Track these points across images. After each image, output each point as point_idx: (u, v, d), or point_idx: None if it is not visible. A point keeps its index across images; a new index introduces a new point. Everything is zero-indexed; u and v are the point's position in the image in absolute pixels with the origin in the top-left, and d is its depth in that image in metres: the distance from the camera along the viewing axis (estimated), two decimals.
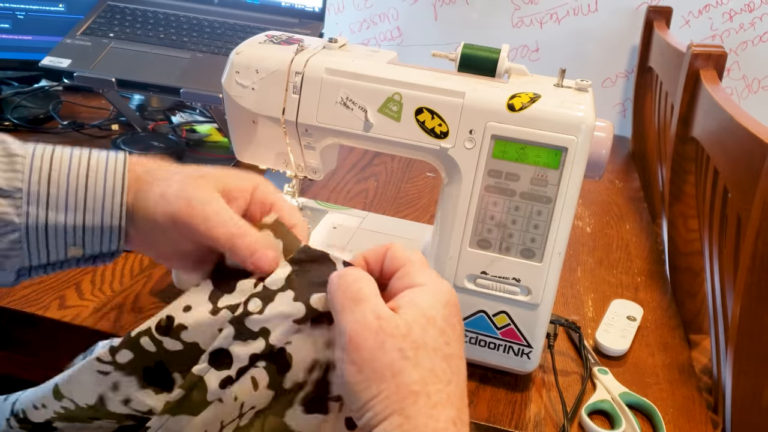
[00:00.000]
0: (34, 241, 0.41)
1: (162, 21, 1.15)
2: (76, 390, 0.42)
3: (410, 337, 0.36)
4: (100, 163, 0.42)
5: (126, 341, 0.40)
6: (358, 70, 0.64)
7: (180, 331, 0.40)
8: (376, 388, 0.35)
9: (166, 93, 1.03)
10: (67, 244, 0.42)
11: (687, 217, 1.02)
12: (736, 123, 0.73)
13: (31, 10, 1.17)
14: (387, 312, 0.37)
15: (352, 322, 0.36)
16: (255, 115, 0.68)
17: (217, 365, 0.39)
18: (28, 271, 0.43)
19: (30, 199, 0.40)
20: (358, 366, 0.35)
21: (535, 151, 0.60)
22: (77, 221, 0.41)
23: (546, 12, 1.56)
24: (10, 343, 0.72)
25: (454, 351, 0.38)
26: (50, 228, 0.41)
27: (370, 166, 1.20)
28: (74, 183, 0.41)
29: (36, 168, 0.41)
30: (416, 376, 0.35)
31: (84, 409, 0.42)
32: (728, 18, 1.49)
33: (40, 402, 0.43)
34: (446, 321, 0.38)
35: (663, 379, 0.72)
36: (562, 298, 0.86)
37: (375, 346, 0.35)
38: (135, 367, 0.41)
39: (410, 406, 0.34)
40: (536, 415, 0.65)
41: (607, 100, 1.61)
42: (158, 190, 0.41)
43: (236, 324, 0.39)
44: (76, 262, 0.44)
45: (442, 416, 0.35)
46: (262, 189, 0.44)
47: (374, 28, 1.67)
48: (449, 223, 0.64)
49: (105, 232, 0.42)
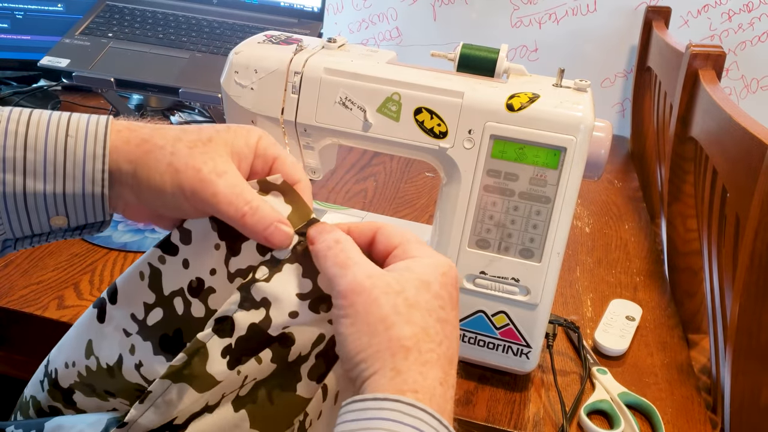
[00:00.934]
0: (13, 210, 0.39)
1: (161, 21, 1.15)
2: (104, 346, 0.42)
3: (403, 295, 0.36)
4: (80, 127, 0.39)
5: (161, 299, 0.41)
6: (357, 70, 0.64)
7: (209, 294, 0.40)
8: (368, 341, 0.35)
9: (164, 93, 1.03)
10: (49, 214, 0.39)
11: (686, 217, 1.02)
12: (735, 123, 0.73)
13: (30, 10, 1.17)
14: (379, 271, 0.38)
15: (344, 283, 0.37)
16: (254, 115, 0.68)
17: (220, 333, 0.39)
18: (14, 243, 0.42)
19: (6, 165, 0.38)
20: (352, 319, 0.36)
21: (534, 151, 0.60)
22: (57, 189, 0.39)
23: (545, 12, 1.56)
24: (9, 343, 0.72)
25: (449, 317, 0.38)
26: (29, 196, 0.38)
27: (369, 166, 1.20)
28: (52, 148, 0.38)
29: (11, 132, 0.38)
30: (408, 332, 0.36)
31: (103, 370, 0.43)
32: (727, 18, 1.50)
33: (71, 358, 0.44)
34: (443, 287, 0.38)
35: (662, 379, 0.73)
36: (561, 298, 0.86)
37: (368, 301, 0.36)
38: (156, 330, 0.41)
39: (401, 360, 0.35)
40: (535, 415, 0.65)
41: (606, 100, 1.62)
42: (165, 159, 0.38)
43: (243, 291, 0.39)
44: (63, 234, 0.42)
45: (430, 374, 0.35)
46: (264, 142, 0.42)
47: (373, 28, 1.67)
48: (448, 223, 0.64)
49: (87, 200, 0.39)
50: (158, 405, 0.40)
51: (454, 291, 0.39)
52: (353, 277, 0.37)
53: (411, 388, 0.34)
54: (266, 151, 0.42)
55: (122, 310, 0.43)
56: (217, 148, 0.39)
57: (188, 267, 0.41)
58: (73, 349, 0.44)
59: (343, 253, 0.38)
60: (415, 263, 0.39)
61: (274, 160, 0.42)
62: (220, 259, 0.41)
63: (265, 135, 0.42)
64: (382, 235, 0.41)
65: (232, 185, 0.39)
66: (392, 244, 0.40)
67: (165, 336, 0.42)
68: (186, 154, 0.38)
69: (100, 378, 0.43)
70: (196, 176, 0.38)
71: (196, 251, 0.41)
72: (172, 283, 0.41)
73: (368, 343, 0.35)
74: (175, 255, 0.41)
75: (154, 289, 0.42)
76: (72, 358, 0.44)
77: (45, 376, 0.46)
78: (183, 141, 0.39)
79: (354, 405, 0.34)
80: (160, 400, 0.39)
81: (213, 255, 0.41)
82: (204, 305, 0.41)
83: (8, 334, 0.72)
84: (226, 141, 0.40)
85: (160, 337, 0.41)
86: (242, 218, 0.38)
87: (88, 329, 0.44)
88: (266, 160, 0.42)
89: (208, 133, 0.40)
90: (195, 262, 0.41)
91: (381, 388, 0.34)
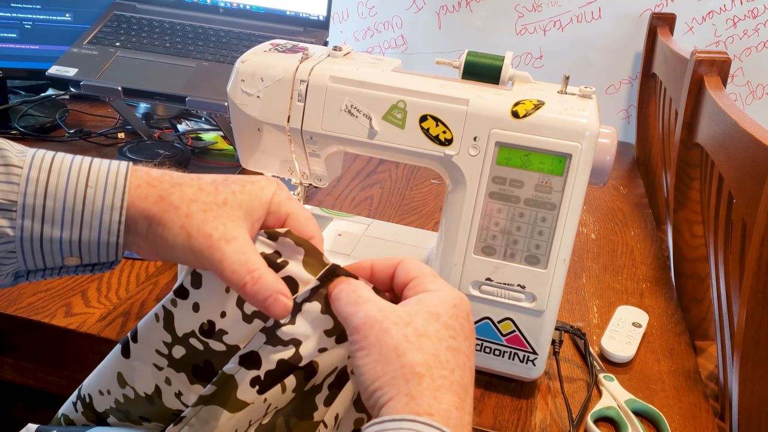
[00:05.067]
0: (29, 251, 0.40)
1: (168, 30, 1.15)
2: (137, 378, 0.45)
3: (413, 326, 0.38)
4: (100, 177, 0.40)
5: (177, 339, 0.43)
6: (362, 78, 0.64)
7: (222, 335, 0.42)
8: (382, 369, 0.37)
9: (171, 101, 1.03)
10: (63, 255, 0.41)
11: (692, 223, 1.02)
12: (741, 129, 0.73)
13: (38, 20, 1.18)
14: (390, 305, 0.39)
15: (357, 318, 0.39)
16: (260, 123, 0.69)
17: (247, 365, 0.41)
18: (26, 275, 0.43)
19: (25, 212, 0.39)
20: (367, 351, 0.38)
21: (539, 158, 0.60)
22: (73, 236, 0.40)
23: (549, 19, 1.57)
24: (17, 351, 0.73)
25: (461, 347, 0.39)
26: (45, 241, 0.40)
27: (374, 173, 1.21)
28: (72, 197, 0.40)
29: (33, 179, 0.39)
30: (420, 359, 0.37)
31: (142, 398, 0.45)
32: (732, 24, 1.50)
33: (106, 387, 0.46)
34: (453, 318, 0.39)
35: (669, 386, 0.72)
36: (567, 305, 0.86)
37: (380, 332, 0.38)
38: (185, 364, 0.43)
39: (415, 387, 0.36)
40: (542, 422, 0.65)
41: (611, 107, 1.62)
42: (179, 221, 0.40)
43: (268, 333, 0.41)
44: (75, 270, 0.44)
45: (444, 399, 0.36)
46: (278, 198, 0.43)
47: (378, 36, 1.67)
48: (454, 230, 0.64)
49: (102, 247, 0.41)
50: (192, 424, 0.41)
51: (465, 323, 0.40)
52: (365, 312, 0.39)
53: (426, 411, 0.35)
54: (279, 208, 0.43)
55: (145, 346, 0.44)
56: (230, 212, 0.41)
57: (198, 310, 0.43)
58: (105, 380, 0.46)
59: (355, 293, 0.40)
60: (426, 296, 0.40)
61: (287, 216, 0.43)
62: (232, 302, 0.42)
63: (279, 189, 0.43)
64: (401, 269, 0.43)
65: (239, 252, 0.40)
66: (409, 277, 0.42)
67: (196, 366, 0.43)
68: (200, 219, 0.40)
69: (140, 405, 0.45)
70: (206, 242, 0.40)
71: (207, 295, 0.43)
72: (184, 325, 0.43)
73: (383, 371, 0.37)
74: (185, 299, 0.43)
75: (168, 330, 0.44)
76: (106, 387, 0.46)
77: (78, 399, 0.48)
78: (198, 203, 0.41)
79: (372, 428, 0.35)
80: (194, 420, 0.41)
81: (224, 298, 0.42)
82: (221, 343, 0.43)
83: (16, 342, 0.72)
84: (240, 203, 0.41)
85: (192, 368, 0.43)
86: (243, 288, 0.40)
87: (115, 364, 0.46)
88: (279, 217, 0.43)
89: (223, 195, 0.41)
90: (205, 305, 0.42)
91: (397, 412, 0.35)
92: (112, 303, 0.73)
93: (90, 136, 1.17)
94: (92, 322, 0.70)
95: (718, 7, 1.49)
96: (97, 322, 0.70)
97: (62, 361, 0.71)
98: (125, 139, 1.19)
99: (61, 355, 0.71)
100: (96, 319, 0.70)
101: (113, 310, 0.72)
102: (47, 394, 0.85)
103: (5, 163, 0.40)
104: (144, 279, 0.78)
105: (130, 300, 0.74)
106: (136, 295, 0.75)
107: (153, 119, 1.26)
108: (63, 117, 1.23)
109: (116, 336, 0.68)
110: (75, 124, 1.24)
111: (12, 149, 0.40)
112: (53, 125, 1.20)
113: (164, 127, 1.24)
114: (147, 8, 1.20)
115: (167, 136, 1.19)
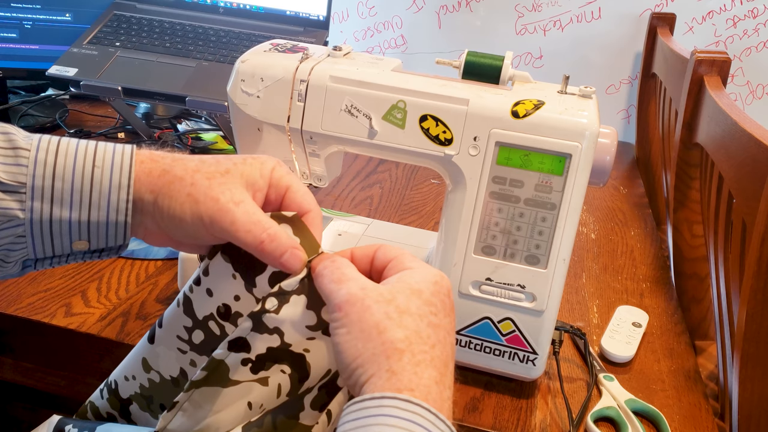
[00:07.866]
0: (38, 235, 0.41)
1: (168, 30, 1.15)
2: (162, 363, 0.46)
3: (394, 303, 0.38)
4: (106, 157, 0.41)
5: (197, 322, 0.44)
6: (362, 78, 0.64)
7: (237, 318, 0.43)
8: (363, 346, 0.37)
9: (171, 101, 1.03)
10: (72, 239, 0.41)
11: (692, 223, 1.02)
12: (741, 129, 0.73)
13: (38, 20, 1.18)
14: (372, 284, 0.40)
15: (339, 296, 0.39)
16: (260, 123, 0.69)
17: (236, 350, 0.42)
18: (34, 263, 0.43)
19: (34, 194, 0.40)
20: (347, 328, 0.38)
21: (539, 158, 0.60)
22: (82, 217, 0.41)
23: (549, 19, 1.57)
24: (17, 351, 0.73)
25: (441, 323, 0.39)
26: (54, 223, 0.40)
27: (374, 173, 1.21)
28: (80, 177, 0.40)
29: (41, 161, 0.40)
30: (401, 335, 0.37)
31: (167, 381, 0.46)
32: (732, 24, 1.50)
33: (131, 373, 0.47)
34: (434, 295, 0.40)
35: (669, 386, 0.72)
36: (567, 305, 0.86)
37: (361, 309, 0.38)
38: (206, 347, 0.44)
39: (396, 362, 0.36)
40: (542, 422, 0.65)
41: (611, 107, 1.62)
42: (184, 190, 0.41)
43: (255, 319, 0.41)
44: (82, 256, 0.44)
45: (425, 374, 0.36)
46: (278, 172, 0.44)
47: (378, 36, 1.67)
48: (454, 230, 0.64)
49: (110, 228, 0.41)
50: (185, 409, 0.42)
51: (446, 299, 0.41)
52: (347, 290, 0.39)
53: (407, 386, 0.35)
54: (279, 181, 0.44)
55: (168, 332, 0.45)
56: (233, 179, 0.42)
57: (212, 295, 0.43)
58: (130, 366, 0.47)
59: (339, 270, 0.40)
60: (407, 274, 0.41)
61: (287, 189, 0.44)
62: (241, 287, 0.43)
63: (278, 165, 0.44)
64: (380, 252, 0.43)
65: (249, 213, 0.41)
66: (388, 257, 0.43)
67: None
68: (205, 185, 0.41)
69: (164, 389, 0.46)
70: (215, 206, 0.40)
71: (216, 281, 0.43)
72: (203, 309, 0.44)
73: (363, 348, 0.37)
74: (199, 285, 0.44)
75: (189, 315, 0.44)
76: (131, 372, 0.47)
77: (105, 386, 0.49)
78: (201, 172, 0.41)
79: (353, 406, 0.35)
80: (187, 404, 0.42)
81: (233, 283, 0.43)
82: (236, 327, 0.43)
83: (16, 342, 0.72)
84: (242, 173, 0.42)
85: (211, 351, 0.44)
86: (260, 245, 0.40)
87: (140, 349, 0.47)
88: (279, 190, 0.44)
89: (225, 166, 0.42)
90: (217, 290, 0.43)
91: (378, 389, 0.36)
92: (112, 303, 0.73)
93: (90, 136, 1.17)
94: (92, 322, 0.70)
95: (718, 7, 1.49)
96: (97, 322, 0.70)
97: (62, 361, 0.71)
98: (125, 139, 1.19)
99: (61, 355, 0.71)
100: (96, 319, 0.70)
101: (113, 310, 0.72)
102: (47, 394, 0.85)
103: (13, 146, 0.40)
104: (144, 279, 0.78)
105: (130, 300, 0.74)
106: (136, 295, 0.75)
107: (153, 119, 1.26)
108: (63, 117, 1.23)
109: (116, 336, 0.68)
110: (75, 124, 1.24)
111: (18, 133, 0.41)
112: (53, 125, 1.21)
113: (164, 127, 1.24)
114: (147, 8, 1.20)
115: (167, 136, 1.19)
